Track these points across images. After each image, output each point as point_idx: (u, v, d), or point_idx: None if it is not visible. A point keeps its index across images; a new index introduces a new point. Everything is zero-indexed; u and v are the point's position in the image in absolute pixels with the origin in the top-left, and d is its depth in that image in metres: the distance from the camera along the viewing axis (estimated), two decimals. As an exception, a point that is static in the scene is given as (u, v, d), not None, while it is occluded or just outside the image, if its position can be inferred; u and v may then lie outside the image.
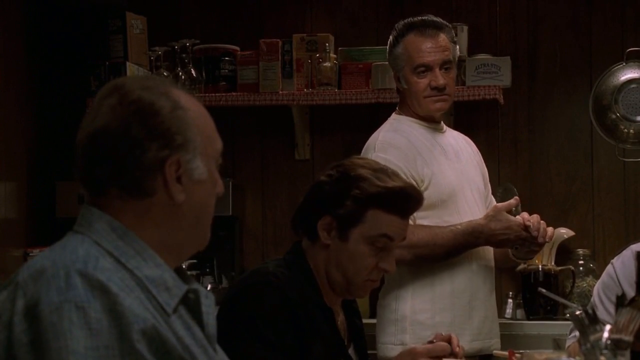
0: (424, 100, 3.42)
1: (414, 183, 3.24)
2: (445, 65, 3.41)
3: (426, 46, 3.40)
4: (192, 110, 1.75)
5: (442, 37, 3.43)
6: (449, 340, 2.50)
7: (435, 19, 3.47)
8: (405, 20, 3.49)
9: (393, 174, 2.48)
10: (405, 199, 2.46)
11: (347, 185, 2.44)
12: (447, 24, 3.50)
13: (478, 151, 3.65)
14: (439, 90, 3.40)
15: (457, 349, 2.47)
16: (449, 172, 3.41)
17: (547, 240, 3.38)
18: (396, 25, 3.51)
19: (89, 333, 1.57)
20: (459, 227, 3.33)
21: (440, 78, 3.39)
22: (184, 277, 1.81)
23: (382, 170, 2.47)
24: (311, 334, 2.39)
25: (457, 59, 3.55)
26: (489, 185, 3.65)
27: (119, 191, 1.72)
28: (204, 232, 1.81)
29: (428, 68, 3.40)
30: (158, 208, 1.73)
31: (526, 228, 3.31)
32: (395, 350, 3.29)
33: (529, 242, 3.36)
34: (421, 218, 3.30)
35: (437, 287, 3.35)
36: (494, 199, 3.67)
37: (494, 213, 3.34)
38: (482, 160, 3.64)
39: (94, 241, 1.70)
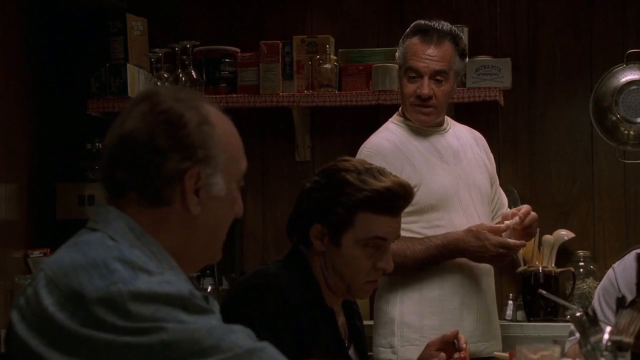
0: (409, 108, 3.43)
1: None
2: (436, 76, 3.36)
3: (423, 52, 3.37)
4: (219, 127, 1.76)
5: (446, 47, 3.38)
6: (455, 338, 2.51)
7: (444, 27, 3.40)
8: (417, 22, 3.46)
9: (379, 173, 2.47)
10: (393, 198, 2.45)
11: (333, 192, 2.44)
12: (459, 34, 3.44)
13: (487, 149, 3.63)
14: (423, 100, 3.38)
15: (464, 346, 2.48)
16: (442, 176, 3.40)
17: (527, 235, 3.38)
18: (413, 22, 3.48)
19: (145, 302, 1.59)
20: (433, 239, 3.32)
21: (425, 88, 3.36)
22: (193, 284, 1.83)
23: (367, 171, 2.46)
24: (312, 335, 2.39)
25: (460, 72, 3.51)
26: (497, 181, 3.63)
27: (138, 196, 1.74)
28: (216, 249, 1.82)
29: (418, 74, 3.38)
30: (173, 218, 1.74)
31: (504, 246, 3.31)
32: (385, 354, 3.31)
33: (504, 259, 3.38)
34: (410, 222, 3.29)
35: (425, 291, 3.35)
36: (503, 196, 3.65)
37: (475, 229, 3.32)
38: (491, 158, 3.62)
39: (112, 239, 1.71)
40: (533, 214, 3.38)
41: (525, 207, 3.39)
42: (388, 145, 3.41)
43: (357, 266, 2.45)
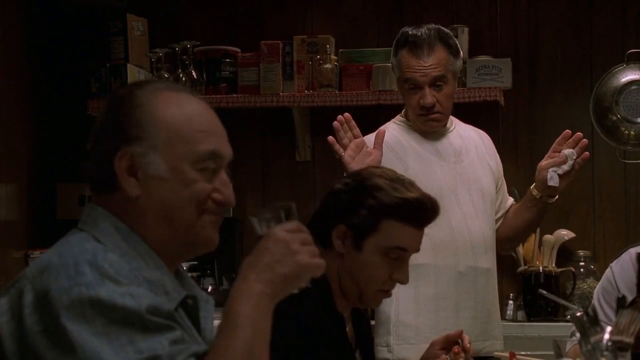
0: (417, 118, 3.43)
1: None
2: (437, 82, 3.36)
3: (417, 64, 3.34)
4: (164, 109, 1.75)
5: (438, 53, 3.34)
6: (459, 337, 2.51)
7: (431, 34, 3.35)
8: (404, 31, 3.41)
9: (410, 184, 2.46)
10: (421, 209, 2.44)
11: (362, 195, 2.42)
12: (447, 33, 3.40)
13: (494, 151, 3.62)
14: (427, 109, 3.38)
15: (468, 345, 2.49)
16: (438, 173, 3.40)
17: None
18: (400, 31, 3.47)
19: (103, 310, 1.58)
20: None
21: (428, 97, 3.35)
22: (185, 282, 1.82)
23: (398, 180, 2.45)
24: (321, 340, 2.38)
25: (458, 70, 3.49)
26: (504, 183, 3.62)
27: (96, 185, 1.76)
28: (189, 233, 1.77)
29: (417, 85, 3.37)
30: (122, 203, 1.74)
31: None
32: (382, 352, 3.31)
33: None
34: None
35: (421, 289, 3.34)
36: (508, 198, 3.64)
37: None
38: (498, 161, 3.61)
39: (97, 240, 1.71)
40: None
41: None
42: None
43: (374, 273, 2.43)
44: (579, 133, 3.34)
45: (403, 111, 3.53)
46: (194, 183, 1.76)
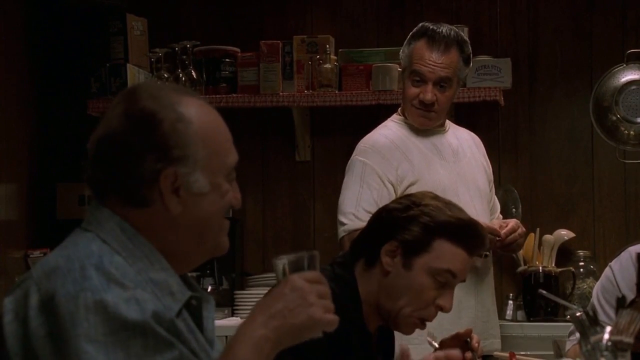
0: (410, 109, 3.44)
1: (391, 187, 3.25)
2: (441, 82, 3.37)
3: (429, 57, 3.37)
4: (197, 124, 1.74)
5: (452, 54, 3.38)
6: (469, 336, 2.50)
7: (451, 34, 3.40)
8: (424, 24, 3.45)
9: (462, 209, 2.45)
10: (474, 233, 2.43)
11: (417, 212, 2.41)
12: (465, 40, 3.44)
13: (485, 153, 3.64)
14: (425, 105, 3.39)
15: (476, 345, 2.47)
16: (440, 173, 3.41)
17: None
18: (420, 23, 3.48)
19: (107, 317, 1.59)
20: None
21: (428, 94, 3.37)
22: (188, 282, 1.83)
23: (452, 204, 2.45)
24: (346, 354, 2.37)
25: (463, 78, 3.51)
26: (493, 186, 3.65)
27: (119, 198, 1.74)
28: (213, 242, 1.80)
29: (422, 79, 3.38)
30: (156, 218, 1.73)
31: None
32: None
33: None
34: None
35: None
36: (497, 202, 3.67)
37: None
38: (489, 163, 3.63)
39: (103, 240, 1.71)
40: (518, 232, 3.38)
41: (510, 225, 3.39)
42: (384, 141, 3.42)
43: (419, 295, 2.40)
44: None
45: (399, 109, 3.54)
46: (227, 194, 1.79)
